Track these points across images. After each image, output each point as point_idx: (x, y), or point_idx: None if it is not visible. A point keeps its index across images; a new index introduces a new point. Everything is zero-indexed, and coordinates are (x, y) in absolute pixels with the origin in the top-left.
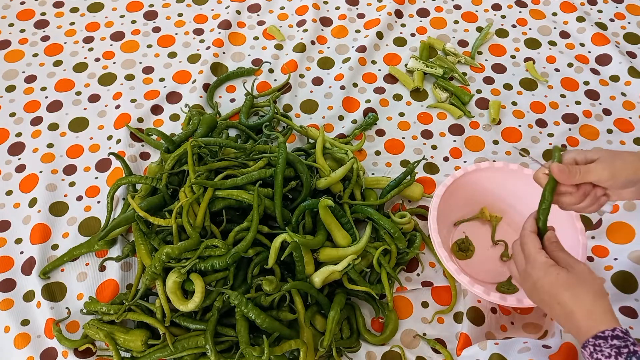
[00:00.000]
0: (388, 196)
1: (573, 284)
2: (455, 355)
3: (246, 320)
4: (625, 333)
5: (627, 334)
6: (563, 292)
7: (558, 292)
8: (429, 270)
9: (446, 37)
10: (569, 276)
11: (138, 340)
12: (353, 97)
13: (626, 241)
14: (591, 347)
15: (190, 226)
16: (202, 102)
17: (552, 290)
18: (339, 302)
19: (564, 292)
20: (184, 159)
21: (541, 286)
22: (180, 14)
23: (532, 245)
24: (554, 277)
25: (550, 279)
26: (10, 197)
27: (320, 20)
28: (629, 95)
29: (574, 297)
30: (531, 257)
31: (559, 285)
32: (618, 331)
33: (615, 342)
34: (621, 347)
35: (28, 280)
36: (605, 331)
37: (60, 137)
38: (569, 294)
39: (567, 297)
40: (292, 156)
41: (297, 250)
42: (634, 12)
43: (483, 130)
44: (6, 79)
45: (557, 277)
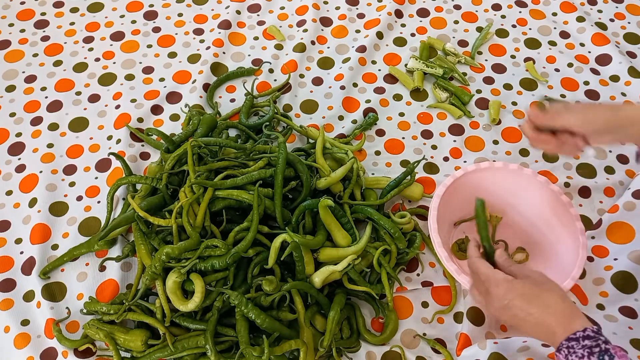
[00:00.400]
0: (388, 196)
1: (539, 292)
2: (455, 355)
3: (246, 320)
4: (596, 332)
5: (598, 333)
6: (533, 302)
7: (528, 303)
8: (429, 270)
9: (446, 37)
10: (533, 286)
11: (138, 340)
12: (353, 97)
13: (626, 241)
14: (565, 349)
15: (190, 226)
16: (202, 102)
17: (522, 303)
18: (339, 302)
19: (533, 302)
20: (184, 159)
21: (511, 302)
22: (180, 14)
23: (486, 268)
24: (520, 289)
25: (517, 292)
26: (10, 197)
27: (320, 20)
28: (629, 95)
29: (544, 304)
30: (491, 278)
31: (527, 296)
32: (589, 331)
33: (586, 342)
34: (592, 347)
35: (28, 280)
36: (577, 332)
37: (60, 137)
38: (538, 303)
39: (538, 306)
40: (292, 156)
41: (297, 250)
42: (634, 12)
43: (483, 130)
44: (6, 79)
45: (524, 289)
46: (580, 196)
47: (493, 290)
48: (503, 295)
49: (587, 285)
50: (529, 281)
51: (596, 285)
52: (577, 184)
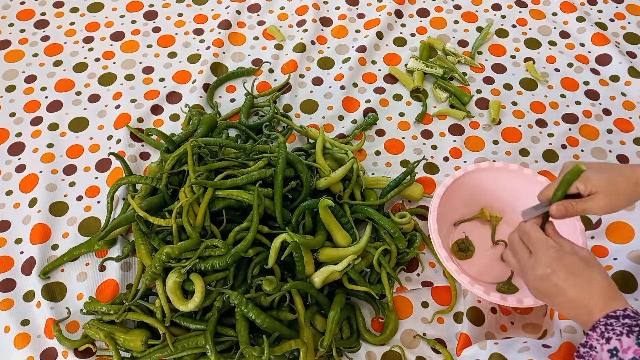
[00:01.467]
0: (388, 196)
1: (585, 268)
2: (455, 355)
3: (246, 320)
4: (636, 313)
5: (639, 314)
6: (577, 276)
7: (573, 276)
8: (429, 270)
9: (446, 37)
10: (580, 261)
11: (138, 340)
12: (353, 97)
13: (625, 241)
14: (602, 327)
15: (190, 226)
16: (202, 102)
17: (567, 275)
18: (339, 302)
19: (578, 276)
20: (184, 159)
21: (555, 272)
22: (180, 14)
23: (538, 231)
24: (568, 260)
25: (564, 262)
26: (10, 197)
27: (320, 20)
28: (629, 95)
29: (587, 281)
30: (541, 243)
31: (573, 270)
32: (629, 311)
33: (627, 321)
34: (632, 326)
35: (28, 280)
36: (617, 311)
37: (60, 137)
38: (582, 278)
39: (582, 281)
40: (292, 156)
41: (297, 250)
42: (634, 12)
43: (483, 130)
44: (6, 79)
45: (571, 261)
46: None
47: (540, 256)
48: (550, 263)
49: None
50: (577, 256)
51: None
52: None
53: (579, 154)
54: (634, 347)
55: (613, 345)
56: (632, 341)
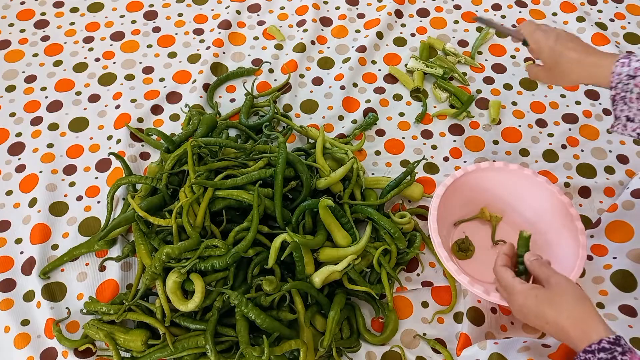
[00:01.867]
0: (388, 196)
1: (552, 298)
2: (455, 355)
3: (246, 320)
4: (612, 342)
5: (615, 343)
6: (546, 311)
7: (542, 311)
8: (429, 270)
9: (446, 37)
10: (547, 292)
11: (138, 340)
12: (353, 97)
13: (625, 240)
14: None
15: (190, 226)
16: (202, 102)
17: (537, 312)
18: (339, 302)
19: (547, 311)
20: (184, 159)
21: (528, 311)
22: (180, 14)
23: (506, 276)
24: (534, 299)
25: (531, 301)
26: (10, 197)
27: (320, 20)
28: None
29: (557, 312)
30: (509, 288)
31: (540, 305)
32: (604, 342)
33: (602, 355)
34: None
35: (28, 280)
36: (592, 345)
37: (60, 137)
38: (552, 311)
39: (552, 314)
40: (292, 156)
41: (297, 250)
42: (634, 12)
43: (483, 130)
44: (6, 79)
45: (537, 298)
46: (580, 196)
47: (511, 298)
48: (521, 304)
49: (586, 284)
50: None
51: (596, 284)
52: (577, 184)
53: (579, 154)
54: None
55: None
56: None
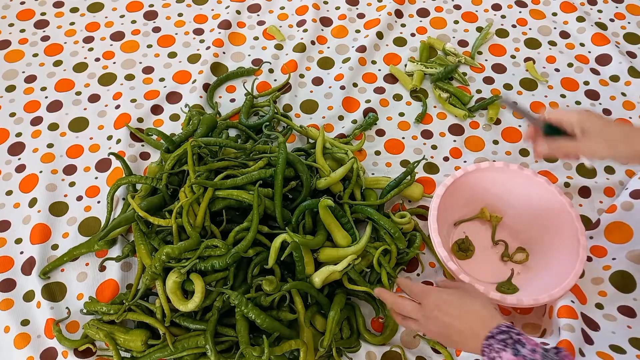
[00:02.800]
0: (388, 196)
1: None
2: (455, 355)
3: (246, 320)
4: (508, 327)
5: (511, 327)
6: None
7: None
8: (429, 270)
9: (446, 37)
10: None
11: (138, 340)
12: (353, 97)
13: (624, 241)
14: (486, 348)
15: (190, 226)
16: (202, 102)
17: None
18: (339, 302)
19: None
20: (184, 159)
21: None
22: (180, 14)
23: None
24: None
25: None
26: (10, 197)
27: (320, 20)
28: (629, 95)
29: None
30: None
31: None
32: (503, 327)
33: (501, 337)
34: (506, 339)
35: (28, 280)
36: (492, 330)
37: (60, 137)
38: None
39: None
40: (292, 156)
41: (297, 251)
42: (634, 12)
43: (483, 130)
44: (6, 79)
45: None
46: (580, 196)
47: (424, 302)
48: (432, 303)
49: (586, 284)
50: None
51: (595, 285)
52: (577, 184)
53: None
54: (513, 358)
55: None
56: (510, 354)
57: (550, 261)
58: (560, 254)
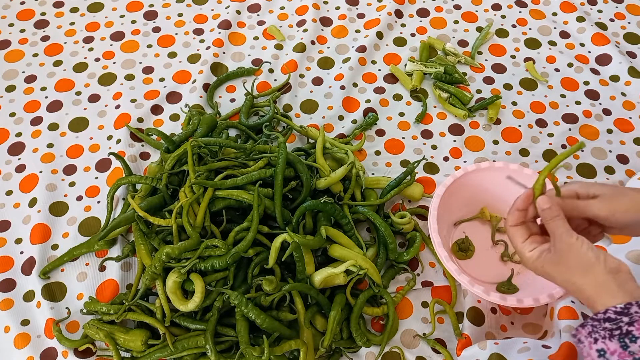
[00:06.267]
0: (388, 196)
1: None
2: (455, 355)
3: (246, 320)
4: (619, 312)
5: (622, 313)
6: (555, 277)
7: (552, 277)
8: (429, 270)
9: (446, 37)
10: (553, 258)
11: (138, 340)
12: (353, 97)
13: (624, 241)
14: (589, 327)
15: (190, 226)
16: (202, 102)
17: (547, 276)
18: (340, 302)
19: (556, 277)
20: (184, 159)
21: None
22: (180, 14)
23: (516, 242)
24: (541, 268)
25: (539, 269)
26: (10, 197)
27: (320, 20)
28: (629, 95)
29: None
30: (519, 253)
31: (550, 272)
32: (610, 312)
33: (607, 325)
34: (613, 329)
35: (28, 280)
36: (598, 314)
37: (60, 137)
38: (559, 278)
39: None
40: (292, 156)
41: (297, 251)
42: (634, 12)
43: (483, 130)
44: (6, 79)
45: (544, 267)
46: None
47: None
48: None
49: None
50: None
51: None
52: None
53: (579, 154)
54: (619, 351)
55: (600, 347)
56: (616, 345)
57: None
58: None
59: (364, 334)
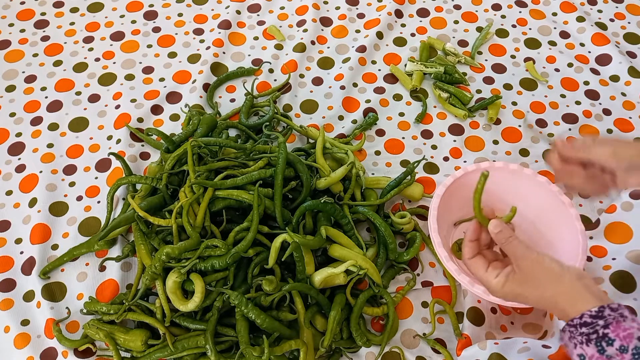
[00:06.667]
0: (388, 196)
1: (527, 283)
2: (455, 355)
3: (246, 320)
4: (594, 316)
5: (597, 316)
6: (528, 296)
7: (524, 297)
8: (429, 270)
9: (446, 37)
10: (520, 277)
11: (138, 340)
12: (353, 97)
13: (624, 241)
14: (568, 332)
15: (190, 226)
16: (202, 102)
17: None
18: (340, 302)
19: (528, 295)
20: (184, 159)
21: (512, 298)
22: (180, 14)
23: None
24: (510, 290)
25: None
26: (10, 197)
27: (320, 20)
28: (629, 95)
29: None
30: (485, 284)
31: (520, 293)
32: (586, 317)
33: (583, 330)
34: (590, 334)
35: (28, 280)
36: (574, 319)
37: (60, 137)
38: (531, 296)
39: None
40: (292, 156)
41: (297, 251)
42: (634, 12)
43: (483, 130)
44: (6, 79)
45: (513, 289)
46: (580, 196)
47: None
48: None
49: None
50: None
51: None
52: None
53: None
54: (597, 356)
55: (579, 352)
56: (593, 349)
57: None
58: (560, 254)
59: (364, 334)
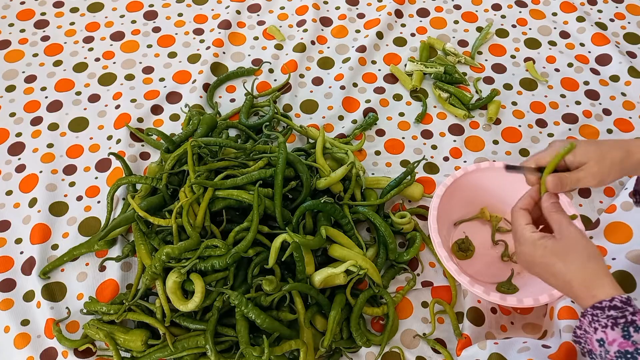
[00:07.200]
0: (388, 196)
1: (562, 251)
2: (455, 355)
3: (246, 320)
4: (624, 302)
5: (627, 303)
6: (554, 263)
7: (550, 264)
8: (429, 270)
9: (446, 37)
10: (558, 244)
11: (138, 340)
12: (353, 97)
13: (624, 241)
14: (589, 316)
15: (190, 226)
16: (202, 102)
17: (544, 263)
18: (340, 302)
19: (555, 263)
20: (184, 159)
21: (533, 261)
22: (180, 14)
23: (519, 223)
24: (542, 250)
25: (539, 252)
26: (10, 197)
27: (320, 20)
28: (629, 95)
29: (565, 266)
30: (518, 234)
31: (549, 257)
32: (617, 301)
33: (612, 313)
34: (618, 318)
35: (28, 280)
36: (603, 302)
37: (60, 137)
38: (560, 264)
39: (559, 268)
40: (292, 156)
41: (297, 251)
42: (634, 12)
43: (483, 130)
44: (6, 79)
45: (545, 250)
46: (580, 196)
47: (520, 247)
48: (528, 253)
49: None
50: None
51: None
52: None
53: None
54: (619, 340)
55: (599, 336)
56: (618, 334)
57: None
58: None
59: (364, 334)
